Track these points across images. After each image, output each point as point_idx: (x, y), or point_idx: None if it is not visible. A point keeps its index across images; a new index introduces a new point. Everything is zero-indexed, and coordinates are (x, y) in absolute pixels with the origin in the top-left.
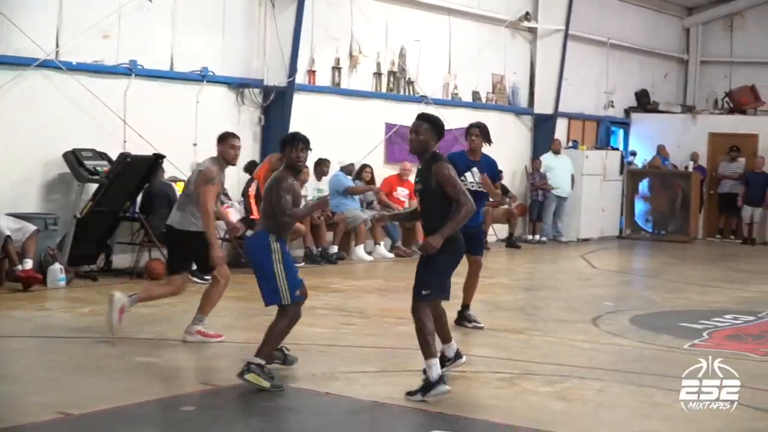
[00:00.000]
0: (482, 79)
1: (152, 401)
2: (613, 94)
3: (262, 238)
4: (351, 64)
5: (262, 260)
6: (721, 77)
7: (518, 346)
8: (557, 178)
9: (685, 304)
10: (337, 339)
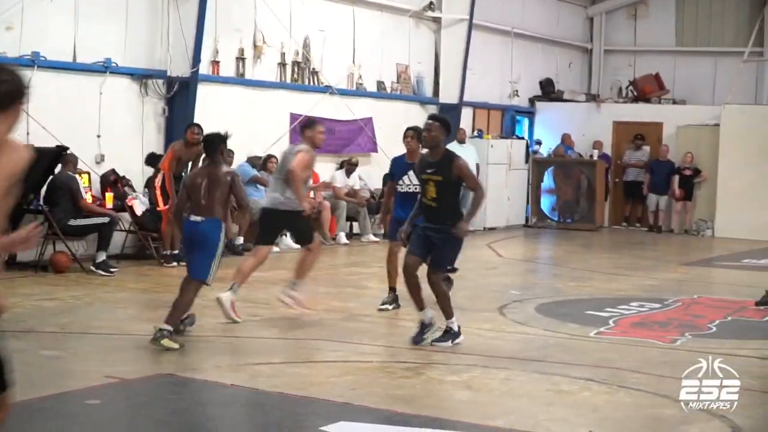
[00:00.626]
0: (387, 68)
1: (56, 395)
2: (517, 83)
3: (217, 223)
4: (255, 54)
5: (212, 241)
6: (625, 66)
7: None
8: None
9: (590, 292)
10: (242, 330)
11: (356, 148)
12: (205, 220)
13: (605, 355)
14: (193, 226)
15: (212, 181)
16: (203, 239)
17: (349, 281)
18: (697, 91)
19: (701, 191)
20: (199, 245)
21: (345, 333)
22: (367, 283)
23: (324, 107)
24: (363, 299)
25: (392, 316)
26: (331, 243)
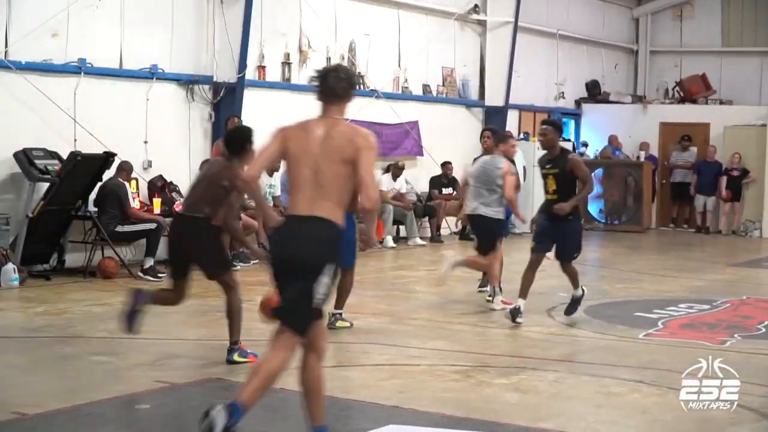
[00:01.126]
0: (432, 72)
1: (107, 400)
2: (563, 86)
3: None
4: (300, 58)
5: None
6: (671, 67)
7: (473, 338)
8: None
9: (638, 293)
10: None
11: (402, 151)
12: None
13: (654, 357)
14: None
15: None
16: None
17: (396, 284)
18: (743, 92)
19: (749, 192)
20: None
21: (393, 336)
22: (415, 286)
23: (370, 111)
24: (410, 302)
25: (441, 318)
26: (378, 247)
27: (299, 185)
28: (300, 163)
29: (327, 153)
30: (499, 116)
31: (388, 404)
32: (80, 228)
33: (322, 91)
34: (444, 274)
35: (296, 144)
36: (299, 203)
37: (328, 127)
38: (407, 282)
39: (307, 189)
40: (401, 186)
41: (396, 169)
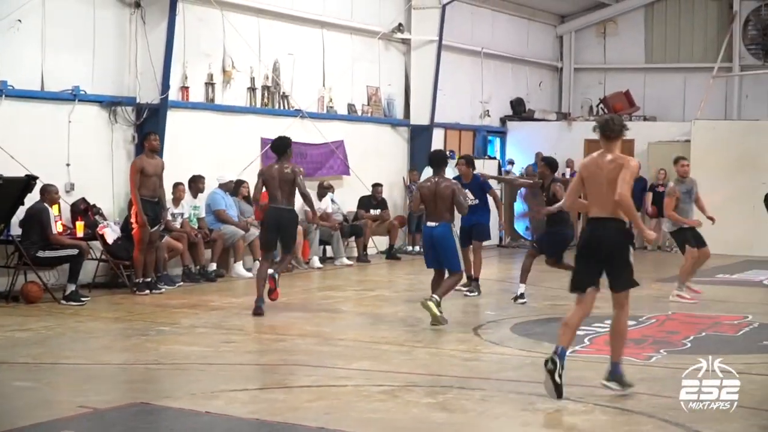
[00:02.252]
0: (357, 91)
1: (30, 426)
2: (488, 103)
3: (447, 227)
4: (224, 79)
5: (449, 240)
6: (596, 84)
7: (399, 358)
8: None
9: (565, 311)
10: (216, 357)
11: (328, 171)
12: (439, 225)
13: (581, 373)
14: (430, 231)
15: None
16: (441, 242)
17: (323, 305)
18: (667, 108)
19: None
20: (442, 247)
21: (320, 357)
22: (341, 306)
23: (295, 131)
24: (337, 323)
25: (368, 339)
26: (304, 267)
27: (593, 197)
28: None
29: (608, 174)
30: (424, 135)
31: (314, 426)
32: (2, 252)
33: (603, 133)
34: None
35: (588, 170)
36: (594, 209)
37: (610, 157)
38: (334, 302)
39: (599, 199)
40: (327, 206)
41: (322, 189)
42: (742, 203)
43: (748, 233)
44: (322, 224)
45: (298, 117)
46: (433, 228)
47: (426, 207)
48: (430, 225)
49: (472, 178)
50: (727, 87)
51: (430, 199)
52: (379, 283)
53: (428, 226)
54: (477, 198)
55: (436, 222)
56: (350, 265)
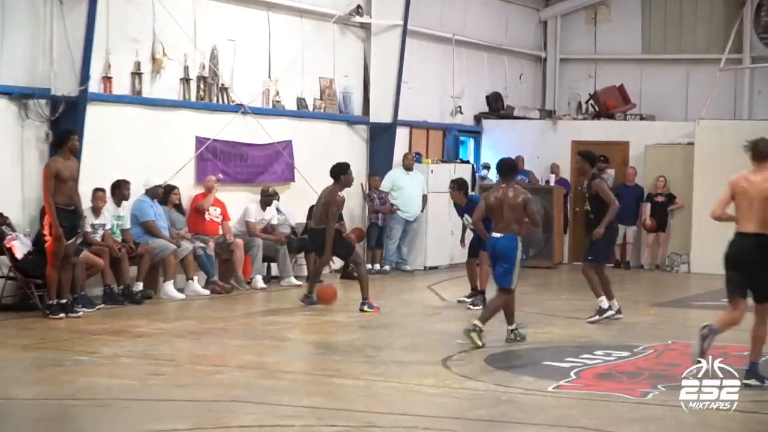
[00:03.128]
0: (308, 83)
1: None
2: (460, 99)
3: (512, 239)
4: (154, 68)
5: (511, 253)
6: (585, 77)
7: (355, 393)
8: (406, 198)
9: (548, 339)
10: (143, 391)
11: (273, 176)
12: (503, 236)
13: (566, 412)
14: (495, 242)
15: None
16: (502, 252)
17: (267, 332)
18: (667, 106)
19: (675, 221)
20: (501, 258)
21: (263, 393)
22: (288, 333)
23: (235, 129)
24: (283, 353)
25: (319, 371)
26: (246, 288)
27: (743, 213)
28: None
29: (759, 192)
30: (386, 134)
31: None
32: None
33: (754, 155)
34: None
35: (739, 186)
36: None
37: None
38: (280, 329)
39: (748, 215)
40: (272, 216)
41: (266, 197)
42: None
43: None
44: (265, 237)
45: (239, 113)
46: (498, 239)
47: (492, 217)
48: (495, 236)
49: (467, 202)
50: (737, 81)
51: (497, 209)
52: (333, 306)
53: (493, 237)
54: None
55: (501, 233)
56: (299, 285)
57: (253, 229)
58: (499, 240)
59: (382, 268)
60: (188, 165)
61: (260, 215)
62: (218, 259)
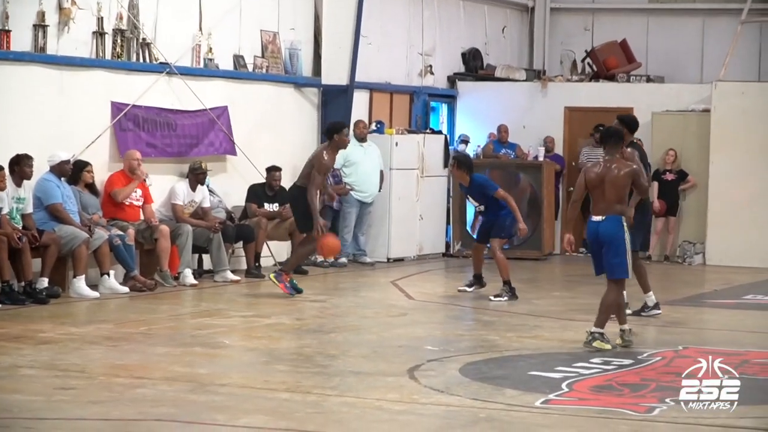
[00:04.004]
0: (247, 38)
1: None
2: (431, 57)
3: (617, 220)
4: (61, 19)
5: (618, 237)
6: (581, 31)
7: (303, 410)
8: (360, 175)
9: (536, 345)
10: (49, 409)
11: (207, 149)
12: (605, 219)
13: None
14: (596, 227)
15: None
16: (609, 239)
17: (198, 338)
18: (678, 65)
19: (687, 202)
20: (609, 245)
21: (193, 409)
22: (224, 339)
23: (159, 92)
24: (218, 362)
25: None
26: (172, 284)
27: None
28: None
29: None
30: (341, 99)
31: None
32: None
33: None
34: None
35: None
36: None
37: None
38: (213, 333)
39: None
40: (203, 198)
41: (196, 174)
42: None
43: None
44: (195, 224)
45: (164, 73)
46: (599, 223)
47: (592, 196)
48: (595, 219)
49: (470, 182)
50: (762, 36)
51: (597, 187)
52: (277, 306)
53: (593, 221)
54: (481, 203)
55: (602, 215)
56: (236, 281)
57: (180, 213)
58: (602, 224)
59: (337, 260)
60: (103, 136)
61: (189, 197)
62: (139, 250)
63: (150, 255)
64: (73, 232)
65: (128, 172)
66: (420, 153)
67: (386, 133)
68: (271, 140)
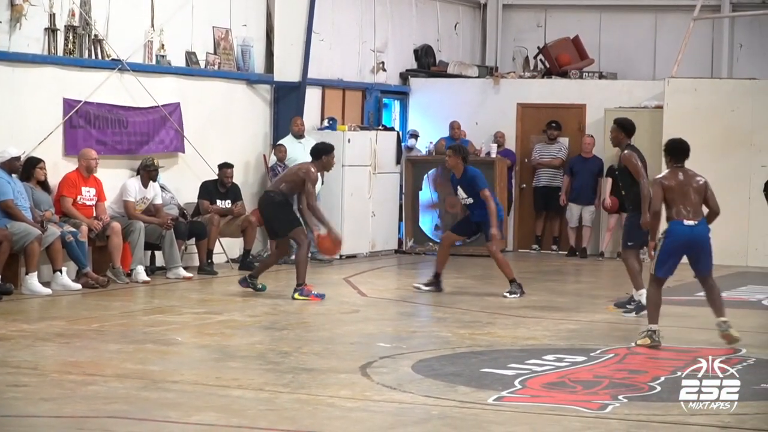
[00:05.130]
0: (199, 35)
1: None
2: (383, 53)
3: (706, 223)
4: (13, 15)
5: (708, 239)
6: (533, 27)
7: (256, 408)
8: None
9: (489, 341)
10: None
11: (157, 146)
12: (699, 223)
13: (509, 428)
14: (690, 231)
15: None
16: (703, 241)
17: (150, 335)
18: (631, 61)
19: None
20: (701, 246)
21: (145, 406)
22: (176, 336)
23: (111, 89)
24: (170, 359)
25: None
26: (125, 281)
27: None
28: None
29: None
30: (293, 96)
31: None
32: None
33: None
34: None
35: None
36: None
37: None
38: (165, 330)
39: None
40: (155, 195)
41: (148, 171)
42: (733, 194)
43: (741, 236)
44: (148, 220)
45: (116, 70)
46: (694, 227)
47: (674, 202)
48: (689, 224)
49: (463, 172)
50: (714, 33)
51: (684, 193)
52: (230, 302)
53: (686, 225)
54: (471, 196)
55: (695, 220)
56: (189, 278)
57: (132, 210)
58: (696, 227)
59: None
60: (55, 133)
61: (141, 193)
62: (91, 247)
63: (102, 252)
64: (25, 229)
65: (84, 172)
66: (372, 149)
67: (339, 130)
68: (224, 137)
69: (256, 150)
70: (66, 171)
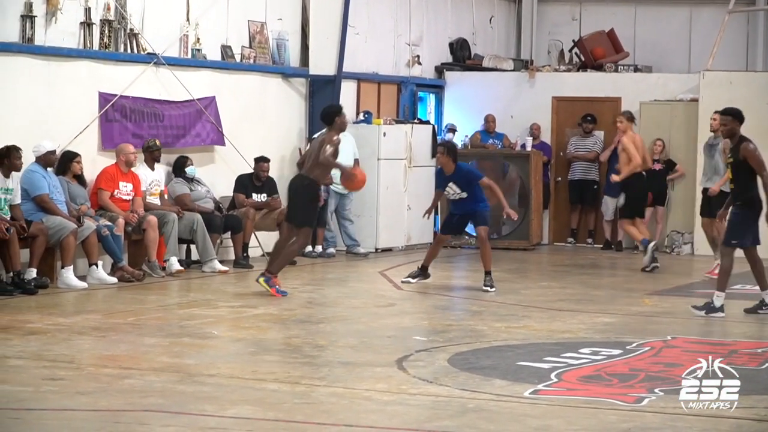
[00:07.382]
0: (235, 29)
1: None
2: (419, 47)
3: None
4: (49, 10)
5: None
6: (568, 20)
7: (292, 401)
8: None
9: (525, 335)
10: (36, 400)
11: (195, 140)
12: None
13: (545, 422)
14: None
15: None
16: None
17: (186, 328)
18: (666, 55)
19: (676, 192)
20: None
21: (181, 400)
22: (212, 329)
23: (147, 83)
24: (206, 353)
25: (248, 374)
26: (160, 275)
27: None
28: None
29: None
30: (329, 89)
31: None
32: None
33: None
34: None
35: None
36: None
37: None
38: (201, 324)
39: None
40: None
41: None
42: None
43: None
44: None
45: (152, 64)
46: None
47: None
48: None
49: (455, 170)
50: (749, 25)
51: None
52: (266, 297)
53: None
54: (464, 191)
55: None
56: (224, 271)
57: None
58: None
59: (325, 250)
60: (91, 127)
61: (151, 177)
62: (127, 241)
63: (137, 246)
64: (60, 223)
65: (123, 167)
66: (408, 143)
67: (374, 123)
68: (259, 130)
69: (291, 144)
70: (102, 165)
